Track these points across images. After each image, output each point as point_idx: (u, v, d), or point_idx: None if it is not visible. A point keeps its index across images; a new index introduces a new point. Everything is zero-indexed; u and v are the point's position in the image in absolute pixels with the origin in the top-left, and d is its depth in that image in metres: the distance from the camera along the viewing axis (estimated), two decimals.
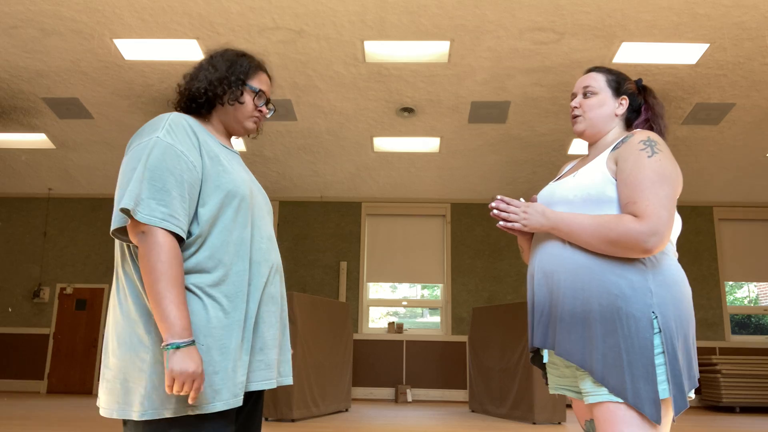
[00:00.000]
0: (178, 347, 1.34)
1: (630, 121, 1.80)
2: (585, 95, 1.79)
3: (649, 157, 1.57)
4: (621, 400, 1.48)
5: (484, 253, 11.23)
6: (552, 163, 10.19)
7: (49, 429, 5.75)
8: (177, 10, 6.85)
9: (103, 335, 11.04)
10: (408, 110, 8.86)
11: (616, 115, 1.77)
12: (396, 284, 11.47)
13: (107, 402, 1.44)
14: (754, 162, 10.02)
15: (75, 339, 11.01)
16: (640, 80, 1.85)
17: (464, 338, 10.84)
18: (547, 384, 1.78)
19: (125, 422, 1.45)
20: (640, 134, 1.64)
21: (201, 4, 6.75)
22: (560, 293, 1.60)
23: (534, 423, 7.06)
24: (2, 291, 11.30)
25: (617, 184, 1.59)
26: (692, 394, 1.55)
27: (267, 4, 6.75)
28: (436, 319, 11.27)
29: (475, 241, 11.27)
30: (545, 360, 1.71)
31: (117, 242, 1.52)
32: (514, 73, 7.94)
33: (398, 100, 8.64)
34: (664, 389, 1.49)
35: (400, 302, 11.41)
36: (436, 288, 11.41)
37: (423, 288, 11.55)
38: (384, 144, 9.80)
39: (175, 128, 1.49)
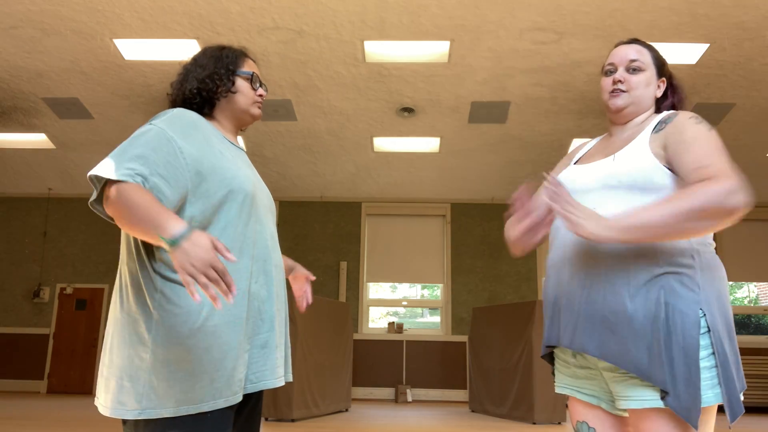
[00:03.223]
0: (175, 242, 1.26)
1: (657, 104, 1.65)
2: (630, 70, 1.59)
3: (708, 130, 1.43)
4: (664, 405, 1.35)
5: (484, 253, 11.23)
6: (552, 163, 10.19)
7: (49, 429, 5.75)
8: (177, 10, 6.85)
9: (102, 335, 11.04)
10: (408, 110, 8.86)
11: (656, 97, 1.62)
12: (396, 284, 11.47)
13: (105, 400, 1.43)
14: (754, 162, 10.02)
15: (75, 339, 11.01)
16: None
17: (464, 338, 10.84)
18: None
19: (124, 422, 1.44)
20: (686, 113, 1.50)
21: (201, 4, 6.75)
22: (599, 287, 1.42)
23: (534, 423, 7.06)
24: (2, 291, 11.30)
25: (676, 158, 1.42)
26: (741, 397, 1.42)
27: (267, 4, 6.75)
28: (436, 319, 11.27)
29: (475, 241, 11.27)
30: (573, 358, 1.56)
31: (122, 241, 1.51)
32: (514, 73, 7.94)
33: (398, 100, 8.64)
34: (717, 394, 1.35)
35: (400, 302, 11.41)
36: (436, 288, 11.41)
37: (423, 288, 11.55)
38: (384, 144, 9.80)
39: (175, 119, 1.49)
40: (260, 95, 1.69)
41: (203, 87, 1.60)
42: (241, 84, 1.65)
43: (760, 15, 6.68)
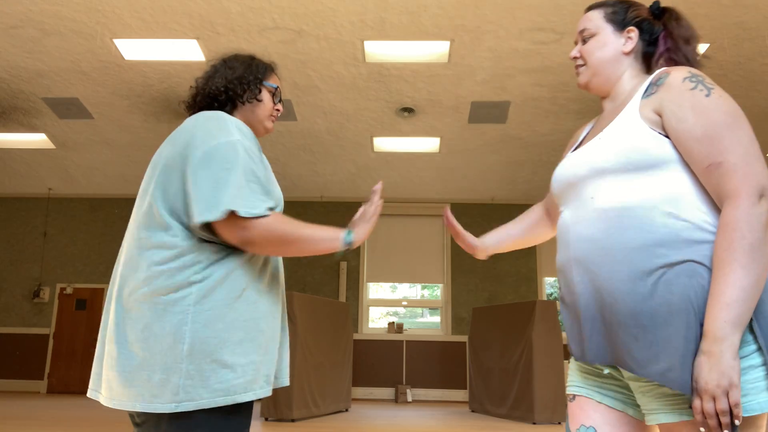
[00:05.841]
0: (349, 242, 1.53)
1: (649, 57, 1.42)
2: (584, 41, 1.45)
3: (707, 96, 1.20)
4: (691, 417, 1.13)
5: None
6: (552, 163, 10.19)
7: (49, 429, 5.75)
8: (177, 10, 6.85)
9: None
10: (408, 110, 8.86)
11: (625, 54, 1.40)
12: (396, 284, 11.47)
13: (126, 395, 1.39)
14: None
15: (75, 339, 11.01)
16: (656, 2, 1.45)
17: (464, 338, 10.84)
18: None
19: (142, 420, 1.44)
20: (679, 71, 1.26)
21: (201, 4, 6.75)
22: (614, 290, 1.21)
23: (534, 423, 7.06)
24: (2, 291, 11.30)
25: (677, 140, 1.21)
26: None
27: (267, 4, 6.75)
28: (436, 319, 11.27)
29: None
30: (605, 371, 1.32)
31: (143, 223, 1.47)
32: (514, 73, 7.94)
33: (398, 100, 8.64)
34: (765, 400, 1.09)
35: (400, 302, 11.41)
36: (436, 288, 11.41)
37: (423, 288, 11.55)
38: (384, 144, 9.80)
39: (244, 131, 1.53)
40: (277, 110, 1.75)
41: (231, 87, 1.65)
42: (265, 95, 1.70)
43: (760, 15, 6.68)
